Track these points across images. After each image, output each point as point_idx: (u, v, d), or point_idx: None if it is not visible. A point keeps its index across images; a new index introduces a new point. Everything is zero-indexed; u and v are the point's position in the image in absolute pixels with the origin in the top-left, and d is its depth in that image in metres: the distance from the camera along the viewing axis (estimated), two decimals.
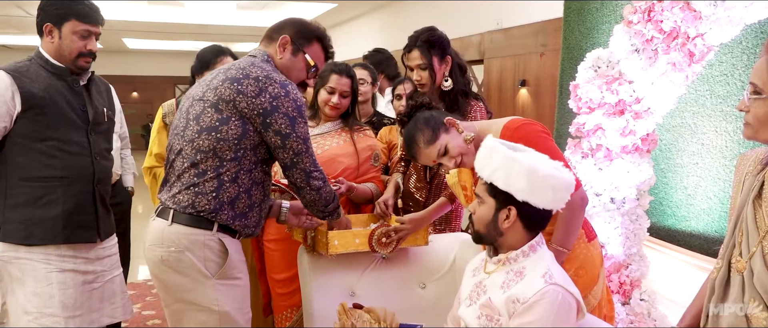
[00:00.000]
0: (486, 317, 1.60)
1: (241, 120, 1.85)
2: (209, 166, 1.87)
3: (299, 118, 1.89)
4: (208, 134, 1.85)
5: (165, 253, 1.88)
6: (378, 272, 2.33)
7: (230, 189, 1.89)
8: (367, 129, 2.75)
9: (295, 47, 2.03)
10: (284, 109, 1.86)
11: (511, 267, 1.63)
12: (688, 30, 2.48)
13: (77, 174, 2.19)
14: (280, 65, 2.02)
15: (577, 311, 1.57)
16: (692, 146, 3.08)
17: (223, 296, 1.91)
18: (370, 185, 2.62)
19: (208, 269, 1.89)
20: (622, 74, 2.68)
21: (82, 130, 2.21)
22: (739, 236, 1.40)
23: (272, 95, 1.85)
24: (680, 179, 3.16)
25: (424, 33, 2.44)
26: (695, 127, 3.06)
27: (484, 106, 2.51)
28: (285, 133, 1.87)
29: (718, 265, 1.46)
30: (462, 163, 1.98)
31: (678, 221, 3.17)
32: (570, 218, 1.92)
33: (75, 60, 2.20)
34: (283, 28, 2.06)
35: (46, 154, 2.12)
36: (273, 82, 1.86)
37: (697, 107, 3.03)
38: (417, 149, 1.98)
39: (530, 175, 1.55)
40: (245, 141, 1.87)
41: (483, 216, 1.64)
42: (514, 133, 1.93)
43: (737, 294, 1.38)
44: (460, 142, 1.97)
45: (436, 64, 2.43)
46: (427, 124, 1.96)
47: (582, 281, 1.98)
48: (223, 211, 1.89)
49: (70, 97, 2.19)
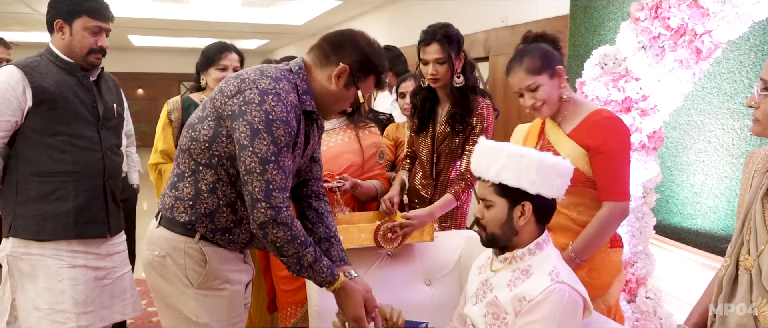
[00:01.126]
0: (492, 316, 1.60)
1: (216, 121, 1.68)
2: (186, 167, 1.74)
3: (264, 132, 1.60)
4: (187, 131, 1.75)
5: (150, 256, 1.80)
6: (383, 269, 2.33)
7: (208, 200, 1.73)
8: (372, 126, 2.75)
9: (350, 80, 1.75)
10: (250, 117, 1.60)
11: (517, 265, 1.62)
12: (695, 27, 2.46)
13: (88, 169, 2.21)
14: (324, 92, 1.77)
15: (583, 310, 1.57)
16: (699, 144, 3.06)
17: (202, 307, 1.79)
18: (375, 182, 2.62)
19: (189, 278, 1.77)
20: (628, 71, 2.67)
21: (93, 125, 2.23)
22: (748, 233, 1.40)
23: (245, 100, 1.62)
24: (687, 177, 3.14)
25: (442, 28, 2.44)
26: (702, 125, 3.04)
27: (491, 104, 2.50)
28: (242, 144, 1.61)
29: (725, 263, 1.45)
30: (538, 109, 2.00)
31: (684, 219, 3.15)
32: (603, 227, 1.95)
33: (86, 56, 2.22)
34: (343, 51, 1.75)
35: (57, 149, 2.14)
36: (253, 87, 1.64)
37: (704, 105, 3.02)
38: (516, 67, 1.99)
39: (540, 166, 1.56)
40: (217, 146, 1.68)
41: (496, 218, 1.63)
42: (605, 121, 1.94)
43: (745, 292, 1.37)
44: (554, 92, 1.98)
45: (453, 58, 2.43)
46: (542, 56, 1.97)
47: (593, 284, 1.98)
48: (200, 223, 1.74)
49: (81, 93, 2.21)
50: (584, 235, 1.96)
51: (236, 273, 1.87)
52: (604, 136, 1.92)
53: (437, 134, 2.55)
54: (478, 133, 2.44)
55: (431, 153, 2.57)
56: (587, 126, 1.96)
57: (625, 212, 1.98)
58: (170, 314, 1.85)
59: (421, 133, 2.62)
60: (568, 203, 1.97)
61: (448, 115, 2.49)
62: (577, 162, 1.94)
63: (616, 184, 1.95)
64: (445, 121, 2.51)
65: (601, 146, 1.92)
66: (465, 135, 2.47)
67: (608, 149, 1.92)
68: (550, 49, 2.00)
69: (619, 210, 1.95)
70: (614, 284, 2.06)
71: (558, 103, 2.00)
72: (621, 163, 1.95)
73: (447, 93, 2.49)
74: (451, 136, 2.50)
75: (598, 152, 1.93)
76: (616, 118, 2.00)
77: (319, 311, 2.22)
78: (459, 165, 2.51)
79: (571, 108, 2.02)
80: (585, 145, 1.95)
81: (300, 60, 1.79)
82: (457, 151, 2.51)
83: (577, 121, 2.00)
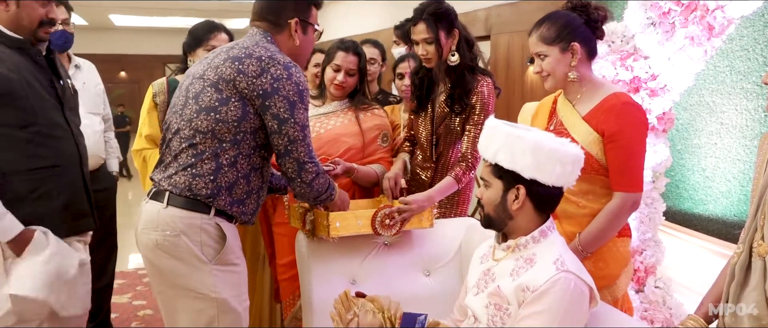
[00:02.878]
0: (494, 306, 1.60)
1: (241, 101, 1.84)
2: (207, 147, 1.86)
3: (299, 103, 1.87)
4: (207, 115, 1.85)
5: (160, 237, 1.86)
6: (380, 258, 2.33)
7: (229, 174, 1.88)
8: (377, 108, 2.74)
9: (303, 24, 2.01)
10: (285, 91, 1.84)
11: (520, 254, 1.62)
12: (707, 1, 2.45)
13: (67, 160, 2.11)
14: (293, 49, 2.01)
15: (590, 300, 1.57)
16: (711, 126, 3.06)
17: (221, 282, 1.91)
18: (376, 167, 2.61)
19: (205, 254, 1.88)
20: (637, 49, 2.66)
21: (58, 109, 2.10)
22: (762, 219, 1.40)
23: (274, 77, 1.83)
24: (698, 161, 3.15)
25: (430, 5, 2.42)
26: (714, 106, 3.04)
27: (492, 82, 2.49)
28: (283, 117, 1.85)
29: (738, 249, 1.46)
30: (543, 78, 2.02)
31: (695, 204, 3.16)
32: (613, 220, 1.94)
33: (36, 30, 2.04)
34: (284, 9, 2.00)
35: (32, 143, 2.01)
36: (276, 63, 1.85)
37: (716, 84, 3.01)
38: (535, 29, 2.01)
39: (535, 150, 1.55)
40: (245, 124, 1.86)
41: (491, 199, 1.64)
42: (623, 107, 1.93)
43: (759, 279, 1.38)
44: (560, 68, 1.98)
45: (442, 38, 2.42)
46: (561, 27, 1.97)
47: (599, 275, 1.98)
48: (220, 196, 1.88)
49: (37, 74, 2.04)
50: (593, 227, 1.96)
51: (240, 249, 2.02)
52: (621, 123, 1.90)
53: (436, 115, 2.55)
54: (478, 112, 2.43)
55: (431, 135, 2.56)
56: (604, 110, 1.94)
57: (637, 204, 1.97)
58: (179, 294, 1.92)
59: (420, 114, 2.61)
60: (578, 190, 1.96)
61: (446, 96, 2.48)
62: (590, 147, 1.93)
63: (630, 174, 1.94)
64: (443, 101, 2.50)
65: (617, 134, 1.90)
66: (465, 115, 2.47)
67: (624, 137, 1.90)
68: (577, 23, 1.97)
69: (631, 201, 1.94)
70: (622, 275, 2.05)
71: (563, 80, 1.99)
72: (637, 152, 1.94)
73: (441, 73, 2.49)
74: (450, 117, 2.50)
75: (613, 140, 1.91)
76: (636, 104, 1.97)
77: (313, 304, 2.22)
78: (460, 146, 2.51)
79: (588, 88, 2.00)
80: (600, 130, 1.93)
81: (262, 32, 1.98)
82: (456, 132, 2.51)
83: (593, 104, 1.98)
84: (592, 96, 1.99)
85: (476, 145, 2.43)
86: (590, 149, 1.94)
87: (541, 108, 2.21)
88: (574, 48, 1.95)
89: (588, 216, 1.99)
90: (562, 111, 2.07)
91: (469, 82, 2.44)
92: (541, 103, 2.23)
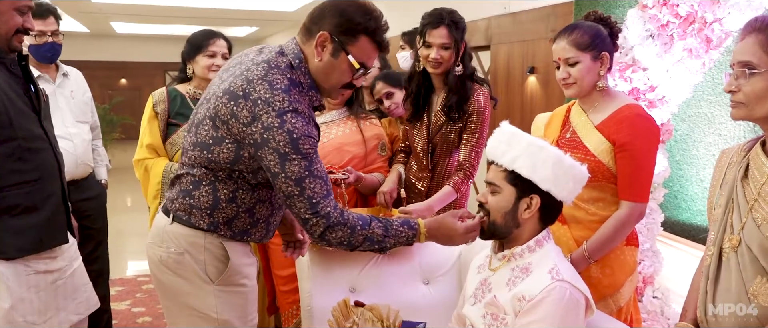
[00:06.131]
0: (491, 316, 1.62)
1: (236, 144, 1.69)
2: (203, 176, 1.76)
3: (293, 154, 1.63)
4: (201, 150, 1.74)
5: (164, 253, 1.81)
6: (379, 267, 2.34)
7: (227, 210, 1.77)
8: (373, 117, 2.77)
9: (336, 47, 1.71)
10: (275, 143, 1.62)
11: (516, 263, 1.64)
12: (705, 14, 2.48)
13: (47, 173, 2.04)
14: (315, 70, 1.75)
15: (585, 309, 1.59)
16: (709, 137, 3.08)
17: (224, 303, 1.83)
18: (378, 175, 2.65)
19: (209, 274, 1.80)
20: (635, 61, 2.69)
21: (35, 119, 2.02)
22: (730, 215, 1.47)
23: (264, 126, 1.63)
24: (696, 172, 3.17)
25: (450, 13, 2.46)
26: (712, 117, 3.06)
27: (488, 92, 2.52)
28: (273, 172, 1.66)
29: (709, 252, 1.51)
30: (568, 85, 2.02)
31: (693, 215, 3.18)
32: (620, 228, 1.97)
33: (10, 39, 1.96)
34: (322, 18, 1.72)
35: (12, 158, 1.93)
36: (269, 110, 1.63)
37: (714, 96, 3.03)
38: (564, 36, 2.01)
39: (556, 164, 1.59)
40: (239, 165, 1.72)
41: (500, 205, 1.66)
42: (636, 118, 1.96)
43: (736, 276, 1.41)
44: (589, 76, 2.00)
45: (458, 45, 2.45)
46: (594, 35, 1.98)
47: (604, 282, 2.02)
48: (219, 229, 1.79)
49: (14, 84, 1.98)
50: (600, 234, 1.99)
51: (249, 267, 1.91)
52: (633, 134, 1.94)
53: (432, 124, 2.57)
54: (475, 121, 2.46)
55: (427, 143, 2.59)
56: (617, 120, 1.98)
57: (643, 214, 2.01)
58: (183, 312, 1.85)
59: (416, 123, 2.63)
60: (588, 197, 2.00)
61: (444, 103, 2.51)
62: (601, 156, 1.97)
63: (638, 184, 1.98)
64: (440, 110, 2.53)
65: (628, 144, 1.94)
66: (461, 123, 2.49)
67: (635, 148, 1.94)
68: (604, 33, 2.02)
69: (638, 211, 1.98)
70: (626, 283, 2.08)
71: (590, 88, 2.02)
72: (646, 164, 1.98)
73: (445, 80, 2.51)
74: (447, 126, 2.52)
75: (624, 149, 1.95)
76: (649, 116, 2.01)
77: (313, 313, 2.24)
78: (457, 155, 2.53)
79: (604, 98, 2.04)
80: (612, 139, 1.97)
81: (296, 49, 1.75)
82: (453, 141, 2.53)
83: (607, 114, 2.01)
84: (607, 106, 2.03)
85: (474, 154, 2.47)
86: (602, 158, 1.97)
87: (555, 117, 2.25)
88: (605, 57, 1.99)
89: (597, 223, 2.02)
90: (575, 119, 2.10)
91: (469, 91, 2.48)
92: (555, 113, 2.27)
